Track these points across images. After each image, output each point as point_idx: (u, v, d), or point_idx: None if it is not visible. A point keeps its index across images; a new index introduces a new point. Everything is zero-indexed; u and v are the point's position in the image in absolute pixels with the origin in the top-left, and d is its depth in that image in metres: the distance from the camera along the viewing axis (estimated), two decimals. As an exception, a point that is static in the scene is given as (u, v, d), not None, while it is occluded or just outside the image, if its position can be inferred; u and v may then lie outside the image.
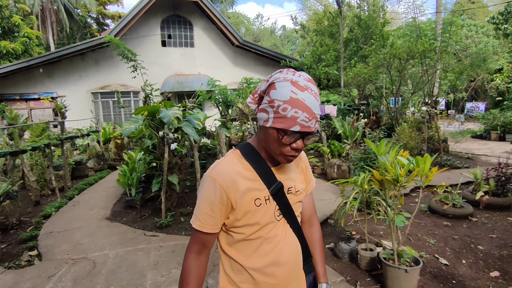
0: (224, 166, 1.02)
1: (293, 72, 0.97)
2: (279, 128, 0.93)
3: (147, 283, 3.17)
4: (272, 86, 0.95)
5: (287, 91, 0.91)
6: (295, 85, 0.92)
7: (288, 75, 0.95)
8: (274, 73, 0.99)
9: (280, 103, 0.92)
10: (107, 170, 9.07)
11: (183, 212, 5.04)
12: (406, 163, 2.50)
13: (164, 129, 4.76)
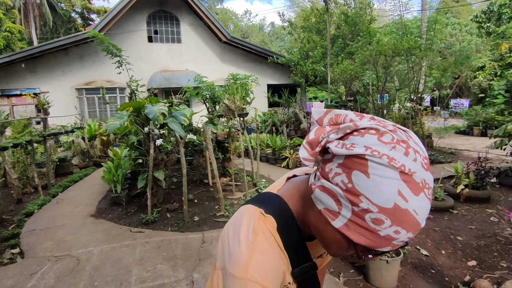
0: (266, 261, 0.62)
1: (401, 140, 0.53)
2: (356, 242, 0.56)
3: (132, 278, 3.16)
4: (360, 164, 0.52)
5: (391, 193, 0.50)
6: (408, 183, 0.50)
7: (396, 152, 0.52)
8: (361, 124, 0.55)
9: (373, 209, 0.51)
10: (92, 167, 8.93)
11: (170, 208, 5.02)
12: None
13: (150, 125, 4.72)
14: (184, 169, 4.55)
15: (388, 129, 0.55)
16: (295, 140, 9.40)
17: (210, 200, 5.44)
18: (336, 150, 0.55)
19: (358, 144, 0.53)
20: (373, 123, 0.56)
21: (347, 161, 0.53)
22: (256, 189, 5.91)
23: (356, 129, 0.55)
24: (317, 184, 0.59)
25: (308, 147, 0.60)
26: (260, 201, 0.70)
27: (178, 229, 4.34)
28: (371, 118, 0.59)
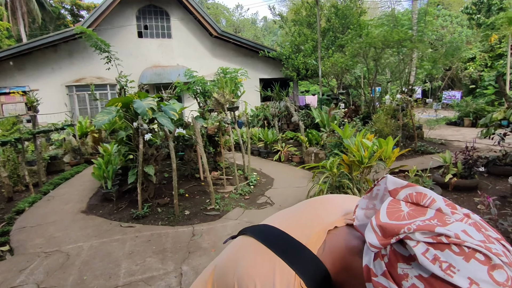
0: None
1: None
2: None
3: (121, 272, 3.17)
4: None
5: None
6: None
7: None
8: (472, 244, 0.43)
9: None
10: (84, 164, 8.89)
11: (160, 202, 5.02)
12: (370, 145, 2.59)
13: (138, 120, 4.70)
14: (174, 163, 4.55)
15: (502, 260, 0.41)
16: (287, 133, 9.44)
17: (201, 194, 5.46)
18: (425, 262, 0.42)
19: (460, 271, 0.41)
20: (478, 238, 0.42)
21: (437, 282, 0.42)
22: (247, 182, 5.93)
23: (457, 244, 0.42)
24: (381, 281, 0.47)
25: (379, 232, 0.47)
26: (295, 262, 0.58)
27: (169, 223, 4.35)
28: (465, 215, 0.47)
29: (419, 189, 0.50)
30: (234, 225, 4.20)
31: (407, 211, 0.48)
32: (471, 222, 0.46)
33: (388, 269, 0.46)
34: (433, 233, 0.43)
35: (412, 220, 0.46)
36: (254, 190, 5.64)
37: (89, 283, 3.01)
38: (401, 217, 0.47)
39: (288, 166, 7.27)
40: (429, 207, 0.48)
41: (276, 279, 0.55)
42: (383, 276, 0.47)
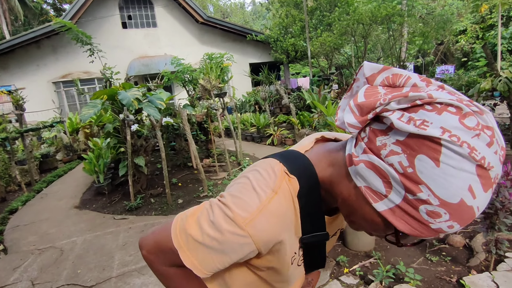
0: (274, 224, 0.56)
1: (486, 126, 0.43)
2: (400, 230, 0.49)
3: (114, 263, 3.18)
4: (431, 150, 0.42)
5: (461, 188, 0.42)
6: (482, 178, 0.42)
7: (479, 141, 0.42)
8: (443, 99, 0.43)
9: (433, 202, 0.44)
10: (77, 160, 8.83)
11: (153, 193, 5.01)
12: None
13: (124, 111, 4.63)
14: (163, 152, 4.51)
15: (472, 109, 0.43)
16: (280, 117, 9.38)
17: (194, 183, 5.44)
18: (400, 124, 0.43)
19: (433, 123, 0.42)
20: (452, 98, 0.43)
21: (413, 140, 0.43)
22: (240, 167, 5.92)
23: (430, 102, 0.43)
24: (362, 158, 0.49)
25: (357, 111, 0.48)
26: (285, 157, 0.63)
27: (162, 213, 4.35)
28: (440, 86, 0.47)
29: (395, 71, 0.50)
30: (227, 210, 4.21)
31: (384, 93, 0.48)
32: (446, 91, 0.46)
33: (367, 145, 0.48)
34: (407, 99, 0.44)
35: (387, 96, 0.46)
36: (246, 175, 5.63)
37: (83, 276, 3.01)
38: (379, 96, 0.48)
39: (281, 149, 7.25)
40: (405, 86, 0.48)
41: (268, 169, 0.59)
42: (363, 153, 0.48)
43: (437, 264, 2.69)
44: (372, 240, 3.05)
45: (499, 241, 2.35)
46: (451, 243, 2.95)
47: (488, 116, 0.44)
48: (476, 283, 2.30)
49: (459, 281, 2.38)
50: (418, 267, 2.67)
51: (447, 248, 2.91)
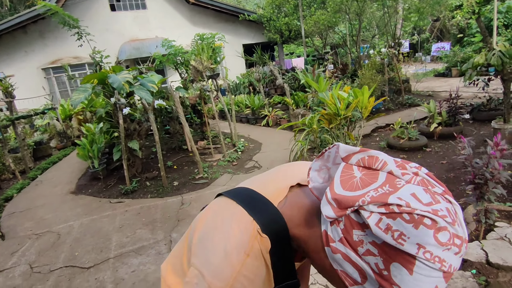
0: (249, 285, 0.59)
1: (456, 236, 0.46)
2: None
3: (112, 245, 3.21)
4: (406, 261, 0.45)
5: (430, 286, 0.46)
6: (446, 278, 0.47)
7: (449, 252, 0.45)
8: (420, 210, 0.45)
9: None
10: (71, 147, 8.77)
11: (149, 176, 5.01)
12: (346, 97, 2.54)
13: (115, 95, 4.56)
14: (156, 135, 4.48)
15: (447, 221, 0.45)
16: (275, 98, 9.32)
17: (189, 165, 5.45)
18: (378, 232, 0.45)
19: (410, 238, 0.44)
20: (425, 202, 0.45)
21: (389, 248, 0.45)
22: (235, 149, 5.91)
23: (409, 213, 0.45)
24: (339, 248, 0.50)
25: (335, 204, 0.49)
26: (256, 211, 0.62)
27: (158, 195, 4.36)
28: (414, 173, 0.49)
29: (371, 153, 0.52)
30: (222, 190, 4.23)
31: (360, 177, 0.50)
32: (419, 180, 0.48)
33: (344, 235, 0.49)
34: (386, 204, 0.45)
35: (365, 189, 0.48)
36: (242, 156, 5.64)
37: (80, 258, 3.04)
38: (355, 186, 0.49)
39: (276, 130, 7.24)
40: (381, 170, 0.50)
41: (235, 227, 0.60)
42: (340, 242, 0.50)
43: (429, 235, 2.74)
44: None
45: (488, 211, 2.39)
46: (443, 215, 3.00)
47: (457, 217, 0.47)
48: (466, 251, 2.35)
49: (449, 251, 2.44)
50: (410, 239, 2.72)
51: (439, 220, 2.96)
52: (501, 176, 2.16)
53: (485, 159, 2.23)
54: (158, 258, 2.86)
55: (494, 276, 2.12)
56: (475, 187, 2.34)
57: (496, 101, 6.20)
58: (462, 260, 2.29)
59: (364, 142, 5.75)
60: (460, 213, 0.48)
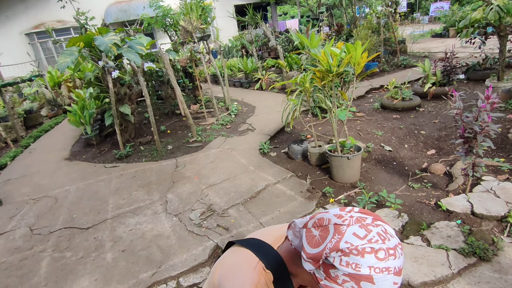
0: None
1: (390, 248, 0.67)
2: None
3: (109, 207, 3.27)
4: (367, 278, 0.66)
5: (389, 286, 0.67)
6: (397, 274, 0.67)
7: (389, 261, 0.65)
8: (361, 245, 0.66)
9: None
10: (62, 115, 8.66)
11: (142, 141, 5.00)
12: (338, 53, 2.48)
13: (103, 58, 4.42)
14: (148, 98, 4.41)
15: (379, 243, 0.65)
16: (268, 61, 9.11)
17: (183, 129, 5.42)
18: (343, 269, 0.66)
19: (362, 266, 0.64)
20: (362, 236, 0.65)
21: (355, 275, 0.65)
22: (228, 112, 5.87)
23: (356, 249, 0.65)
24: (324, 283, 0.70)
25: (312, 262, 0.70)
26: (260, 252, 0.85)
27: (152, 159, 4.38)
28: (350, 215, 0.70)
29: (318, 216, 0.72)
30: (216, 153, 4.25)
31: (318, 234, 0.70)
32: (354, 219, 0.69)
33: (325, 274, 0.69)
34: (339, 249, 0.65)
35: (325, 243, 0.68)
36: (235, 119, 5.61)
37: (79, 220, 3.11)
38: (317, 242, 0.69)
39: (270, 93, 7.16)
40: (329, 225, 0.70)
41: (244, 263, 0.83)
42: (326, 279, 0.69)
43: (418, 190, 2.82)
44: (357, 173, 3.15)
45: (476, 165, 2.45)
46: (432, 171, 3.07)
47: (385, 235, 0.66)
48: (452, 204, 2.44)
49: (437, 203, 2.52)
50: (400, 193, 2.80)
51: (429, 176, 3.04)
52: (490, 128, 2.19)
53: (475, 112, 2.24)
54: (155, 217, 2.93)
55: (478, 225, 2.21)
56: (464, 141, 2.38)
57: (491, 60, 6.13)
58: (448, 211, 2.38)
59: (358, 103, 5.74)
60: (389, 229, 0.69)
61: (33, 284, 2.30)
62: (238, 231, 2.53)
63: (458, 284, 1.74)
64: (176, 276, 2.17)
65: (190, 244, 2.47)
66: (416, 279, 1.78)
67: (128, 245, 2.57)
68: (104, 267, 2.35)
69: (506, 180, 2.66)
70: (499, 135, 3.50)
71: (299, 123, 5.03)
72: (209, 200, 3.08)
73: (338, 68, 2.45)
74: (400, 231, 2.27)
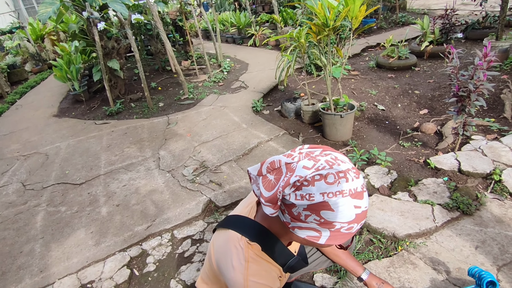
0: (259, 279, 0.84)
1: (339, 171, 0.67)
2: (338, 244, 0.76)
3: (101, 163, 3.27)
4: (324, 206, 0.66)
5: (351, 210, 0.67)
6: (356, 196, 0.67)
7: (341, 184, 0.65)
8: (309, 174, 0.66)
9: (344, 225, 0.68)
10: (47, 71, 8.34)
11: (133, 98, 4.89)
12: (336, 5, 2.36)
13: (87, 8, 4.16)
14: (137, 53, 4.24)
15: (326, 168, 0.66)
16: (262, 16, 8.72)
17: (174, 86, 5.30)
18: (299, 202, 0.67)
19: (314, 194, 0.65)
20: (310, 166, 0.67)
21: (312, 206, 0.66)
22: (220, 69, 5.72)
23: (304, 180, 0.66)
24: (293, 225, 0.72)
25: (271, 205, 0.70)
26: (240, 228, 0.88)
27: (143, 116, 4.32)
28: (299, 152, 0.72)
29: (269, 160, 0.73)
30: (208, 110, 4.20)
31: (274, 177, 0.71)
32: (304, 154, 0.71)
33: (290, 216, 0.71)
34: (291, 184, 0.67)
35: (278, 184, 0.68)
36: (228, 76, 5.48)
37: (71, 176, 3.11)
38: (273, 185, 0.70)
39: (264, 50, 6.95)
40: (281, 166, 0.71)
41: (232, 249, 0.85)
42: (292, 222, 0.71)
43: (408, 149, 2.86)
44: (350, 131, 3.17)
45: (467, 124, 2.47)
46: (423, 130, 3.10)
47: (335, 161, 0.68)
48: (441, 161, 2.50)
49: (426, 161, 2.58)
50: (391, 152, 2.84)
51: (419, 135, 3.07)
52: (484, 87, 2.17)
53: (471, 71, 2.21)
54: (148, 173, 2.95)
55: (463, 182, 2.28)
56: (457, 100, 2.37)
57: (491, 19, 5.96)
58: (436, 169, 2.45)
59: (353, 61, 5.62)
60: (340, 156, 0.71)
61: (30, 236, 2.35)
62: (230, 187, 2.58)
63: (440, 236, 1.83)
64: (171, 229, 2.23)
65: (183, 199, 2.51)
66: (401, 232, 1.86)
67: (122, 200, 2.61)
68: (99, 221, 2.40)
69: (494, 140, 2.71)
70: (492, 96, 3.51)
71: (293, 81, 4.94)
72: (202, 157, 3.09)
73: (335, 22, 2.35)
74: (388, 187, 2.34)
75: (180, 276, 1.85)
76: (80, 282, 1.89)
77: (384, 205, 2.11)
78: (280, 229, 0.85)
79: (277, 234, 0.87)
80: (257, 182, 0.74)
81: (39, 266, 2.06)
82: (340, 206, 0.65)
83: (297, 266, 0.97)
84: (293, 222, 0.71)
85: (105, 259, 2.04)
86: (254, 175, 0.75)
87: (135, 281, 1.88)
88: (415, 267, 1.66)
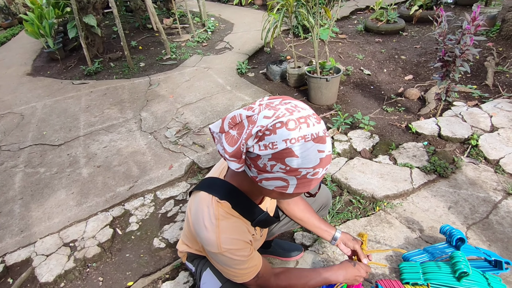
0: (231, 234, 0.86)
1: (300, 117, 0.67)
2: (306, 192, 0.78)
3: (80, 124, 3.16)
4: (288, 153, 0.65)
5: (315, 155, 0.67)
6: (319, 141, 0.67)
7: (303, 129, 0.65)
8: (270, 123, 0.65)
9: (310, 170, 0.69)
10: (19, 26, 7.79)
11: (112, 57, 4.67)
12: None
13: (57, -45, 3.80)
14: (115, 8, 3.98)
15: (286, 116, 0.66)
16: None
17: (156, 46, 5.06)
18: (263, 153, 0.66)
19: (277, 142, 0.64)
20: (270, 115, 0.66)
21: (276, 154, 0.66)
22: (204, 29, 5.47)
23: (266, 130, 0.65)
24: (260, 178, 0.73)
25: (235, 160, 0.69)
26: (211, 188, 0.90)
27: (124, 76, 4.15)
28: (259, 104, 0.72)
29: (230, 116, 0.71)
30: (192, 71, 4.07)
31: (236, 133, 0.69)
32: (264, 105, 0.70)
33: (256, 169, 0.71)
34: (253, 135, 0.65)
35: (241, 137, 0.67)
36: (212, 36, 5.27)
37: (49, 137, 3.01)
38: (236, 140, 0.68)
39: (250, 9, 6.66)
40: (242, 120, 0.69)
41: (204, 208, 0.87)
42: (259, 174, 0.71)
43: (391, 114, 2.89)
44: (335, 95, 3.15)
45: (450, 89, 2.49)
46: (407, 96, 3.12)
47: (295, 108, 0.68)
48: (422, 126, 2.54)
49: (407, 126, 2.62)
50: (374, 116, 2.86)
51: (403, 100, 3.09)
52: (470, 52, 2.17)
53: (458, 35, 2.19)
54: (129, 135, 2.88)
55: (442, 146, 2.34)
56: (442, 65, 2.37)
57: None
58: (417, 133, 2.49)
59: (341, 24, 5.49)
60: (300, 104, 0.71)
61: (9, 197, 2.31)
62: (214, 149, 2.56)
63: (416, 197, 1.91)
64: (153, 189, 2.23)
65: (166, 160, 2.49)
66: (379, 193, 1.92)
67: (103, 161, 2.56)
68: (80, 182, 2.37)
69: (474, 106, 2.76)
70: (475, 63, 3.53)
71: (279, 43, 4.80)
72: (185, 119, 3.04)
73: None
74: (370, 150, 2.38)
75: (163, 234, 1.88)
76: (63, 241, 1.89)
77: (365, 167, 2.16)
78: (250, 186, 0.87)
79: (247, 192, 0.89)
80: (221, 141, 0.73)
81: (19, 226, 2.04)
82: (303, 151, 0.66)
83: (268, 221, 1.00)
84: (260, 175, 0.71)
85: (87, 219, 2.03)
86: (216, 133, 0.74)
87: (118, 239, 1.90)
88: (390, 226, 1.74)
